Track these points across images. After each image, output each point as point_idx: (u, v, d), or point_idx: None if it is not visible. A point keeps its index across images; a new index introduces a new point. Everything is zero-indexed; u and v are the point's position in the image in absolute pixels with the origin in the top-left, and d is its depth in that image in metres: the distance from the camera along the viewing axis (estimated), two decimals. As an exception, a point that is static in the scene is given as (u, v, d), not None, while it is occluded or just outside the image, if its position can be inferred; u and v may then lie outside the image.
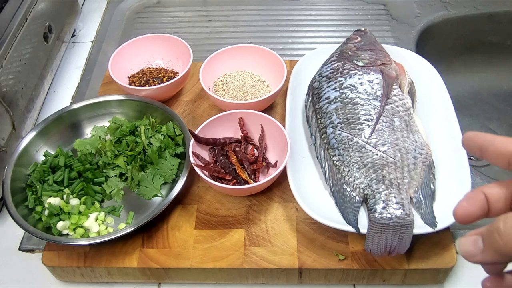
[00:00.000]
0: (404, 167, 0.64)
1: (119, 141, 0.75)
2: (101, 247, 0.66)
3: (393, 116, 0.67)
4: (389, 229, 0.59)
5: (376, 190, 0.62)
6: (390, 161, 0.64)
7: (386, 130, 0.66)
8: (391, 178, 0.63)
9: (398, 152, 0.64)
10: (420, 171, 0.64)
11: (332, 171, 0.67)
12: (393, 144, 0.65)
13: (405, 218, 0.60)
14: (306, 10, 1.10)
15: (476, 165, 0.83)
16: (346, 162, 0.66)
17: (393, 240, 0.59)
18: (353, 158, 0.65)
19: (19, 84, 0.81)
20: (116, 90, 0.84)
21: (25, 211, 0.68)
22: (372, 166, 0.64)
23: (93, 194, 0.71)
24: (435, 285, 0.65)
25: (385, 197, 0.61)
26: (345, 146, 0.66)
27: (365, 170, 0.64)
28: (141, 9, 1.15)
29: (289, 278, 0.65)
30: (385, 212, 0.60)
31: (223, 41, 1.02)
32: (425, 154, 0.65)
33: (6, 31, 0.79)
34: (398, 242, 0.59)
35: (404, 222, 0.59)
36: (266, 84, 0.84)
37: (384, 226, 0.60)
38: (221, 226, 0.67)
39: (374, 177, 0.63)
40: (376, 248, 0.60)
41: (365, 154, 0.65)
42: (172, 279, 0.67)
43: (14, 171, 0.70)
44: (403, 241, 0.59)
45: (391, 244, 0.59)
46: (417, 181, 0.64)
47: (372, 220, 0.61)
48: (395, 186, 0.62)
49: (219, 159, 0.71)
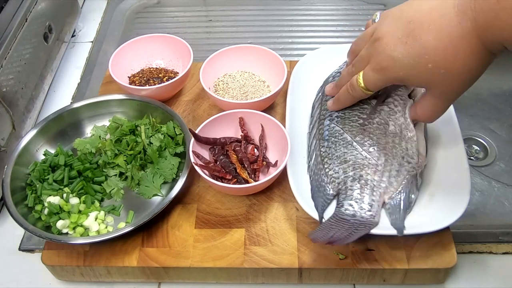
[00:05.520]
0: (386, 172, 0.63)
1: (119, 140, 0.76)
2: (101, 246, 0.66)
3: (388, 120, 0.66)
4: (346, 224, 0.60)
5: (350, 187, 0.63)
6: (372, 162, 0.64)
7: (377, 133, 0.66)
8: (368, 179, 0.63)
9: (383, 156, 0.64)
10: (402, 179, 0.63)
11: (317, 161, 0.68)
12: (380, 147, 0.65)
13: (368, 219, 0.60)
14: (306, 10, 1.10)
15: (476, 165, 0.83)
16: (330, 155, 0.67)
17: (342, 234, 0.59)
18: (338, 152, 0.66)
19: (19, 84, 0.81)
20: (116, 90, 0.84)
21: (25, 210, 0.68)
22: (353, 163, 0.64)
23: (93, 193, 0.71)
24: (435, 285, 0.65)
25: (356, 195, 0.62)
26: (335, 139, 0.67)
27: (345, 166, 0.65)
28: (141, 9, 1.15)
29: (289, 278, 0.65)
30: (350, 208, 0.61)
31: (223, 41, 1.02)
32: (413, 164, 0.64)
33: (6, 31, 0.79)
34: (346, 236, 0.59)
35: (366, 222, 0.60)
36: (266, 84, 0.84)
37: (344, 221, 0.60)
38: (221, 225, 0.67)
39: (352, 175, 0.64)
40: (320, 237, 0.59)
41: (349, 151, 0.66)
42: (172, 279, 0.66)
43: (14, 170, 0.70)
44: (350, 237, 0.59)
45: (338, 237, 0.59)
46: (395, 188, 0.63)
47: (335, 213, 0.61)
48: (370, 188, 0.62)
49: (219, 158, 0.71)
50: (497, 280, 0.65)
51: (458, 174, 0.65)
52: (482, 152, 0.86)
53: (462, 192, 0.63)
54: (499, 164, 0.83)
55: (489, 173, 0.82)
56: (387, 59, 0.55)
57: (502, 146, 0.86)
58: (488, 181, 0.80)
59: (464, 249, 0.68)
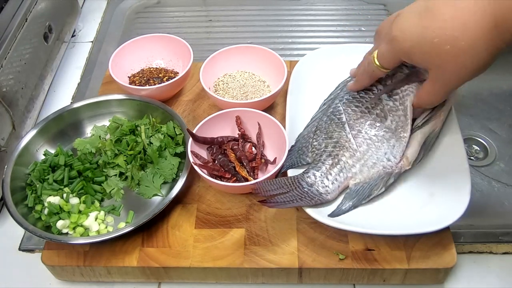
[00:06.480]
0: (362, 159, 0.66)
1: (119, 140, 0.76)
2: (101, 246, 0.66)
3: (388, 114, 0.67)
4: (298, 189, 0.62)
5: (322, 161, 0.66)
6: (352, 147, 0.66)
7: (371, 123, 0.67)
8: (341, 160, 0.66)
9: (366, 146, 0.66)
10: (375, 171, 0.65)
11: (310, 130, 0.71)
12: (367, 137, 0.67)
13: (322, 195, 0.63)
14: (306, 10, 1.10)
15: (476, 165, 0.83)
16: (322, 128, 0.70)
17: (285, 198, 0.61)
18: (329, 128, 0.69)
19: (19, 84, 0.81)
20: (116, 90, 0.84)
21: (25, 210, 0.68)
22: (335, 142, 0.67)
23: (93, 193, 0.71)
24: (435, 285, 0.65)
25: (324, 169, 0.65)
26: (333, 116, 0.70)
27: (328, 142, 0.68)
28: (141, 9, 1.15)
29: (289, 278, 0.65)
30: (312, 177, 0.64)
31: (223, 41, 1.02)
32: (392, 163, 0.65)
33: (6, 31, 0.79)
34: (288, 201, 0.61)
35: (319, 197, 0.63)
36: (266, 84, 0.84)
37: (299, 186, 0.63)
38: (221, 225, 0.67)
39: (329, 151, 0.67)
40: (266, 189, 0.61)
41: (338, 130, 0.68)
42: (172, 279, 0.66)
43: (14, 170, 0.70)
44: (291, 203, 0.61)
45: (280, 199, 0.61)
46: (364, 177, 0.65)
47: (296, 176, 0.64)
48: (339, 168, 0.65)
49: (218, 157, 0.71)
50: (497, 280, 0.65)
51: (458, 174, 0.65)
52: (482, 152, 0.86)
53: (462, 192, 0.63)
54: (499, 164, 0.83)
55: (489, 173, 0.82)
56: (397, 29, 0.56)
57: (502, 146, 0.86)
58: (488, 181, 0.80)
59: (464, 249, 0.68)
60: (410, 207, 0.64)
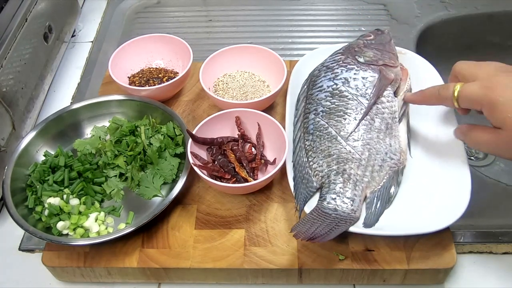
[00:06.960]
0: (369, 166, 0.65)
1: (119, 141, 0.75)
2: (101, 247, 0.66)
3: (375, 116, 0.68)
4: (327, 219, 0.61)
5: (333, 181, 0.64)
6: (356, 157, 0.65)
7: (363, 128, 0.67)
8: (351, 174, 0.64)
9: (367, 151, 0.65)
10: (384, 174, 0.65)
11: (301, 154, 0.69)
12: (365, 142, 0.66)
13: (349, 214, 0.61)
14: (306, 10, 1.10)
15: (476, 165, 0.83)
16: (315, 149, 0.67)
17: (323, 230, 0.60)
18: (322, 146, 0.67)
19: (19, 84, 0.81)
20: (116, 90, 0.84)
21: (25, 211, 0.68)
22: (336, 157, 0.65)
23: (93, 194, 0.71)
24: (435, 285, 0.65)
25: (339, 189, 0.63)
26: (319, 133, 0.68)
27: (329, 160, 0.66)
28: (141, 9, 1.15)
29: (289, 278, 0.65)
30: (333, 202, 0.62)
31: (223, 41, 1.02)
32: (395, 160, 0.66)
33: (6, 31, 0.79)
34: (327, 233, 0.60)
35: (347, 217, 0.61)
36: (266, 84, 0.84)
37: (326, 215, 0.61)
38: (221, 226, 0.67)
39: (335, 169, 0.65)
40: (303, 232, 0.60)
41: (333, 145, 0.66)
42: (172, 279, 0.67)
43: (14, 171, 0.70)
44: (331, 233, 0.60)
45: (319, 232, 0.60)
46: (377, 182, 0.65)
47: (318, 206, 0.62)
48: (353, 182, 0.64)
49: (218, 158, 0.71)
50: (497, 280, 0.65)
51: (458, 174, 0.65)
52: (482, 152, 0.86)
53: (462, 192, 0.63)
54: (499, 164, 0.83)
55: (489, 173, 0.82)
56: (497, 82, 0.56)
57: (502, 146, 0.85)
58: (488, 181, 0.80)
59: (464, 249, 0.68)
60: (410, 208, 0.64)
